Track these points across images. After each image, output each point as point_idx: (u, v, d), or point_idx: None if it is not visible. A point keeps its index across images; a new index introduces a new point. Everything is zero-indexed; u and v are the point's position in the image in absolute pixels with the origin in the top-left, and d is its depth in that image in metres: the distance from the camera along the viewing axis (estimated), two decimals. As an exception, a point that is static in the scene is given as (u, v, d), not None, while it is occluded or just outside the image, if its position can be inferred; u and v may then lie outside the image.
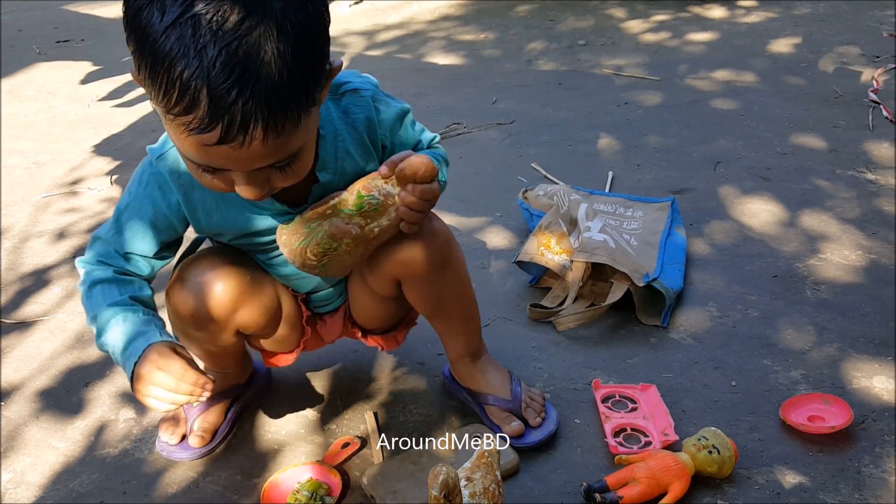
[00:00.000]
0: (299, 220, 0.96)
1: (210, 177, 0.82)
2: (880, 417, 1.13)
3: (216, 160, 0.78)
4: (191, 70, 0.70)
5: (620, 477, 1.02)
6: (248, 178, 0.81)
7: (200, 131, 0.73)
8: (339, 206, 0.94)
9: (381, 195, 0.94)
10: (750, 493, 1.02)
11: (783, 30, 3.08)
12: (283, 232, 0.97)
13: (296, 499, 1.02)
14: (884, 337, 1.31)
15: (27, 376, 1.33)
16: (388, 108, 1.01)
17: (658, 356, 1.30)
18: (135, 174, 0.99)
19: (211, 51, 0.70)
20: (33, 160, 2.26)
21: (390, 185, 0.94)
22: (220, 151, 0.76)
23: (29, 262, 1.70)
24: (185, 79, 0.71)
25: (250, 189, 0.82)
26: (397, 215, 0.95)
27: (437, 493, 0.83)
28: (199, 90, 0.71)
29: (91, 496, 1.08)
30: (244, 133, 0.73)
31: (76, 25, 3.81)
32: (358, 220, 0.95)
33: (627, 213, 1.64)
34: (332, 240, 0.95)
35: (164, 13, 0.70)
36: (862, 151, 2.00)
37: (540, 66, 2.89)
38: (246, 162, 0.78)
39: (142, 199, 0.97)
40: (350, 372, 1.30)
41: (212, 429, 1.15)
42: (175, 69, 0.71)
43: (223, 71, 0.70)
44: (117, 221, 0.99)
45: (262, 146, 0.76)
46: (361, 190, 0.94)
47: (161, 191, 0.96)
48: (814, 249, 1.58)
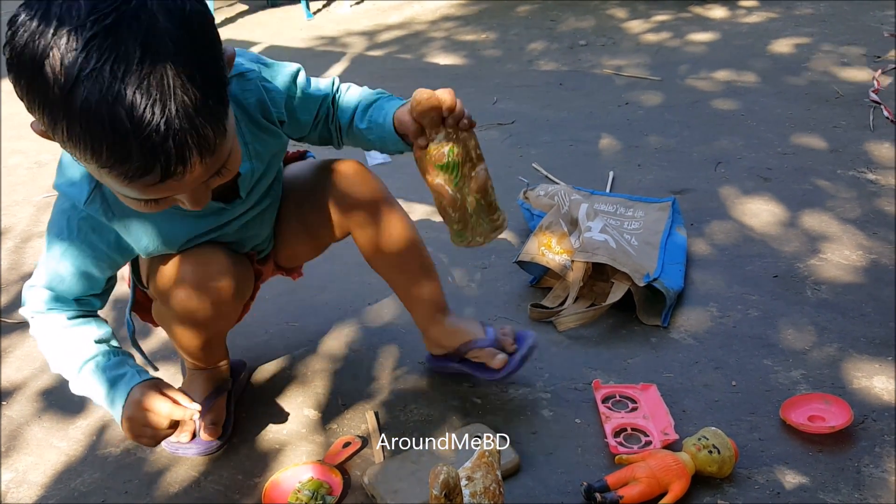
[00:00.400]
0: (456, 231, 1.04)
1: (154, 205, 0.82)
2: (880, 417, 1.13)
3: (161, 193, 0.78)
4: (112, 124, 0.69)
5: (621, 476, 1.02)
6: (193, 194, 0.82)
7: (140, 177, 0.73)
8: (451, 184, 0.98)
9: (446, 147, 0.97)
10: (750, 493, 1.02)
11: (784, 30, 3.08)
12: (464, 242, 1.05)
13: (297, 498, 1.02)
14: (884, 337, 1.31)
15: (29, 376, 1.33)
16: (276, 80, 1.01)
17: (658, 356, 1.30)
18: (58, 220, 0.96)
19: (124, 99, 0.68)
20: (35, 160, 2.26)
21: (435, 135, 0.97)
22: (166, 188, 0.76)
23: (30, 263, 1.70)
24: (108, 133, 0.69)
25: (197, 201, 0.83)
26: (468, 133, 0.98)
27: (437, 493, 0.83)
28: (126, 140, 0.70)
29: (93, 495, 1.08)
30: (183, 164, 0.73)
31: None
32: (468, 167, 0.99)
33: (628, 213, 1.64)
34: (485, 191, 1.01)
35: (63, 76, 0.68)
36: (863, 151, 2.00)
37: (541, 66, 2.89)
38: (190, 185, 0.78)
39: (78, 247, 0.96)
40: (351, 371, 1.31)
41: (221, 421, 1.17)
42: (94, 127, 0.69)
43: (143, 115, 0.69)
44: (56, 272, 0.97)
45: (202, 167, 0.76)
46: (433, 167, 0.98)
47: (96, 233, 0.95)
48: (814, 249, 1.58)
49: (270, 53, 3.26)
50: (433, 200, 1.03)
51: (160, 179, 0.74)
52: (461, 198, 1.00)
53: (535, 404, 1.20)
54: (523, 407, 1.20)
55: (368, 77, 2.72)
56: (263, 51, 3.33)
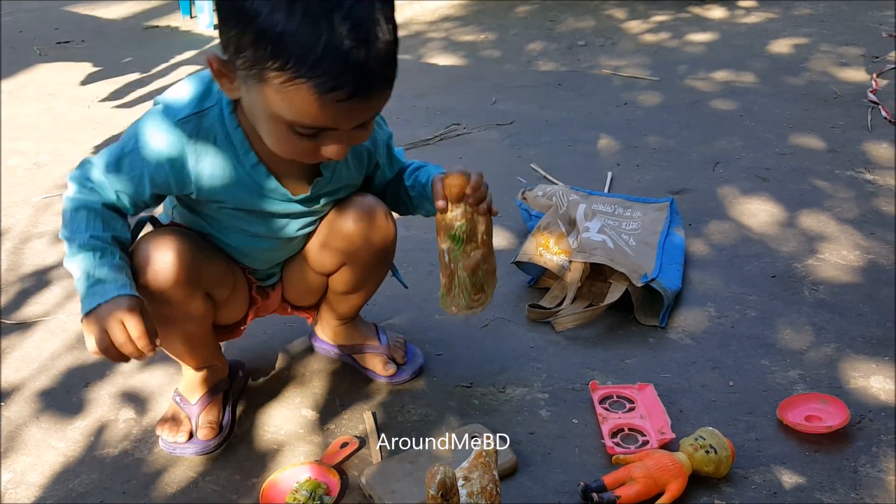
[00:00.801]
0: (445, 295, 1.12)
1: (300, 140, 0.89)
2: (877, 417, 1.14)
3: (331, 117, 0.86)
4: (325, 36, 0.79)
5: (618, 476, 1.02)
6: (344, 137, 0.90)
7: (332, 89, 0.82)
8: (451, 253, 1.09)
9: (458, 220, 1.07)
10: (747, 493, 1.02)
11: (783, 30, 3.09)
12: (444, 306, 1.13)
13: (294, 498, 1.03)
14: (881, 337, 1.31)
15: (27, 377, 1.33)
16: (382, 130, 1.13)
17: (656, 356, 1.30)
18: (145, 123, 0.99)
19: (337, 18, 0.80)
20: (34, 161, 2.26)
21: (455, 208, 1.07)
22: (342, 107, 0.84)
23: (29, 263, 1.70)
24: (318, 45, 0.79)
25: (341, 149, 0.91)
26: (483, 218, 1.09)
27: (434, 493, 0.83)
28: (332, 53, 0.80)
29: (91, 496, 1.08)
30: (370, 90, 0.84)
31: (77, 26, 3.82)
32: (469, 247, 1.09)
33: (626, 213, 1.64)
34: (474, 273, 1.11)
35: None
36: (861, 152, 2.00)
37: (540, 66, 2.89)
38: (358, 116, 0.88)
39: (148, 151, 0.98)
40: (349, 372, 1.31)
41: (217, 420, 1.17)
42: (305, 38, 0.79)
43: (350, 33, 0.80)
44: (118, 162, 1.00)
45: (376, 102, 0.87)
46: (444, 233, 1.09)
47: (169, 148, 0.98)
48: (812, 249, 1.58)
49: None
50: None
51: (346, 97, 0.83)
52: (453, 268, 1.10)
53: (533, 404, 1.21)
54: (521, 407, 1.20)
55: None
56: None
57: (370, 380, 1.28)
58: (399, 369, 1.27)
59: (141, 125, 1.00)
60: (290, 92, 0.83)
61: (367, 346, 1.28)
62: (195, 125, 0.98)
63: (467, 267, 1.10)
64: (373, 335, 1.29)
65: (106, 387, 1.30)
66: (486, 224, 1.10)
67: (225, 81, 0.91)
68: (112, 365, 1.35)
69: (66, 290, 1.59)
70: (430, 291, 1.47)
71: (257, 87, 0.86)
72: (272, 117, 0.88)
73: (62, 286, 1.61)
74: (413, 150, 2.18)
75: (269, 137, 0.93)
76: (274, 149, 0.95)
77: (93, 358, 1.37)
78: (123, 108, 2.68)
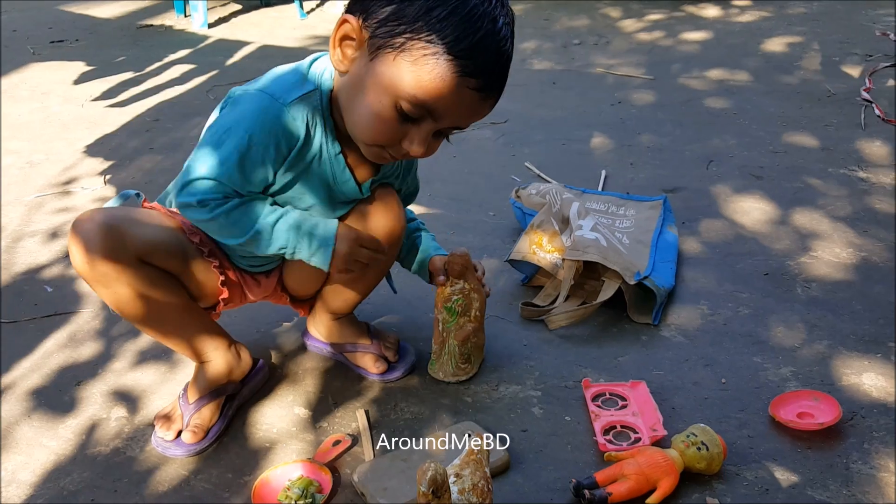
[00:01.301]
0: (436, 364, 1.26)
1: (395, 123, 0.94)
2: (869, 414, 1.14)
3: (451, 103, 0.91)
4: (487, 28, 0.89)
5: (609, 473, 1.02)
6: (431, 133, 0.96)
7: (472, 75, 0.89)
8: (445, 324, 1.22)
9: (455, 294, 1.21)
10: (738, 490, 1.02)
11: (777, 29, 3.09)
12: (432, 371, 1.26)
13: (286, 496, 1.02)
14: (874, 334, 1.31)
15: (19, 375, 1.33)
16: (415, 162, 1.21)
17: (649, 354, 1.30)
18: (248, 111, 0.98)
19: (501, 17, 0.90)
20: (27, 160, 2.26)
21: (452, 286, 1.21)
22: (466, 97, 0.91)
23: (22, 262, 1.70)
24: (479, 33, 0.88)
25: (423, 143, 0.96)
26: (478, 296, 1.22)
27: (425, 490, 0.83)
28: (488, 45, 0.89)
29: (82, 494, 1.08)
30: (500, 88, 0.94)
31: (71, 25, 3.80)
32: (463, 320, 1.22)
33: (620, 211, 1.65)
34: (464, 344, 1.22)
35: None
36: (854, 150, 2.01)
37: (534, 65, 2.89)
38: (468, 114, 0.94)
39: (265, 137, 0.98)
40: (341, 370, 1.31)
41: (206, 425, 1.15)
42: (468, 23, 0.88)
43: (506, 35, 0.92)
44: (240, 163, 0.97)
45: (491, 105, 0.95)
46: (441, 305, 1.22)
47: (288, 129, 0.99)
48: (805, 247, 1.59)
49: (264, 53, 3.26)
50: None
51: (480, 88, 0.91)
52: (445, 337, 1.22)
53: (526, 402, 1.21)
54: (514, 405, 1.20)
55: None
56: (256, 50, 3.33)
57: (363, 378, 1.28)
58: (390, 367, 1.27)
59: (243, 115, 0.98)
60: (428, 65, 0.88)
61: (359, 345, 1.28)
62: (307, 104, 1.00)
63: (458, 337, 1.21)
64: (365, 334, 1.29)
65: (98, 385, 1.30)
66: (480, 301, 1.23)
67: (346, 47, 0.95)
68: (103, 363, 1.35)
69: (58, 289, 1.59)
70: (423, 291, 1.47)
71: (387, 56, 0.90)
72: (386, 90, 0.92)
73: (55, 285, 1.60)
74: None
75: (365, 114, 0.95)
76: (362, 130, 0.97)
77: (85, 356, 1.37)
78: (116, 107, 2.67)
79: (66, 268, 1.66)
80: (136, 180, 2.08)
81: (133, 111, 2.61)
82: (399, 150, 0.98)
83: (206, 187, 0.98)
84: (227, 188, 0.99)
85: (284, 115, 0.99)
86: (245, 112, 0.99)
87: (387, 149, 0.99)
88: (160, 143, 2.32)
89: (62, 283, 1.60)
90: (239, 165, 0.98)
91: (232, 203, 1.00)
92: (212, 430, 1.15)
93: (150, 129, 2.44)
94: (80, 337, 1.43)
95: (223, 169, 0.98)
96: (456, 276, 1.21)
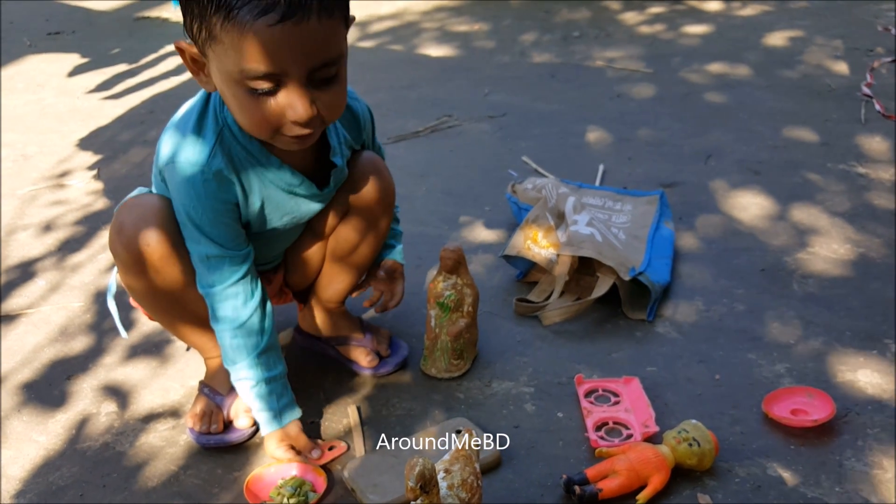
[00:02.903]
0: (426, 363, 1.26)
1: (263, 103, 0.89)
2: (864, 411, 1.13)
3: (275, 55, 0.86)
4: None
5: (600, 469, 1.01)
6: (301, 90, 0.89)
7: (263, 12, 0.83)
8: (438, 319, 1.21)
9: (447, 289, 1.20)
10: (730, 486, 1.02)
11: (778, 23, 3.07)
12: (425, 367, 1.25)
13: (279, 493, 1.02)
14: (869, 330, 1.30)
15: (9, 369, 1.32)
16: (358, 102, 1.14)
17: (643, 350, 1.29)
18: (182, 189, 0.99)
19: None
20: (21, 152, 2.25)
21: (444, 281, 1.21)
22: (280, 38, 0.84)
23: (14, 255, 1.69)
24: None
25: (303, 103, 0.89)
26: (471, 291, 1.22)
27: (413, 485, 0.82)
28: None
29: (71, 489, 1.07)
30: (303, 9, 0.84)
31: (67, 17, 3.79)
32: (456, 315, 1.21)
33: (616, 206, 1.63)
34: (456, 339, 1.22)
35: None
36: (854, 145, 1.99)
37: (533, 57, 2.87)
38: (303, 52, 0.87)
39: (212, 205, 1.00)
40: (333, 366, 1.30)
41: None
42: None
43: None
44: (204, 242, 1.01)
45: (318, 24, 0.86)
46: (433, 300, 1.21)
47: (223, 187, 1.00)
48: (802, 243, 1.57)
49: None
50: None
51: (279, 19, 0.84)
52: (437, 332, 1.22)
53: (519, 398, 1.20)
54: (506, 401, 1.19)
55: (359, 69, 2.70)
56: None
57: (355, 374, 1.28)
58: (382, 361, 1.27)
59: (182, 194, 0.99)
60: (231, 35, 0.85)
61: (351, 339, 1.27)
62: (221, 153, 0.99)
63: (451, 333, 1.21)
64: (357, 328, 1.28)
65: (88, 380, 1.29)
66: (473, 297, 1.22)
67: (200, 70, 0.94)
68: (94, 358, 1.34)
69: (50, 283, 1.58)
70: (417, 285, 1.46)
71: (211, 54, 0.89)
72: (230, 82, 0.90)
73: (47, 279, 1.59)
74: (403, 142, 2.17)
75: (239, 113, 0.94)
76: (250, 128, 0.95)
77: (75, 350, 1.36)
78: (111, 99, 2.66)
79: (58, 261, 1.66)
80: (128, 173, 2.07)
81: (127, 103, 2.60)
82: (291, 126, 0.92)
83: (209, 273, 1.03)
84: (224, 262, 1.02)
85: (209, 182, 0.98)
86: (182, 197, 1.00)
87: (282, 130, 0.93)
88: (153, 135, 2.31)
89: (54, 277, 1.60)
90: (206, 237, 1.01)
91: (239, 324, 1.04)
92: None
93: (144, 122, 2.43)
94: (71, 331, 1.42)
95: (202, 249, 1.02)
96: (448, 271, 1.20)
